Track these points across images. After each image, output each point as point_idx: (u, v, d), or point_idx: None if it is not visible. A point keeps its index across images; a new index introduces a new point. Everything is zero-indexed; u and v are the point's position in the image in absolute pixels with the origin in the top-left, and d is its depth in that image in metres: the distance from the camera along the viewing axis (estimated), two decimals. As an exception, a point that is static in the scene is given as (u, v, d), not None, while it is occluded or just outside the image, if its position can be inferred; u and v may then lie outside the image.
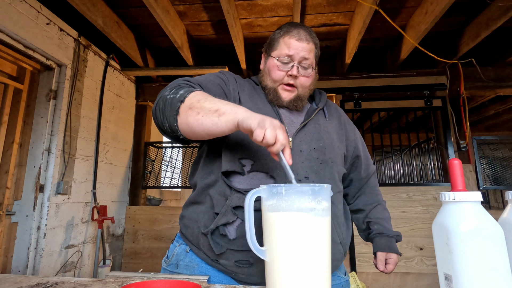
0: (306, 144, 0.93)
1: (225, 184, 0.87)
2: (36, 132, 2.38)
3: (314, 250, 0.62)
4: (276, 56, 0.97)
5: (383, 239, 1.07)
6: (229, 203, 0.84)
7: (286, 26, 0.99)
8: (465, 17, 2.74)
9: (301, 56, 0.95)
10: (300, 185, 0.64)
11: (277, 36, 1.00)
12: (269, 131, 0.65)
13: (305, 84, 0.98)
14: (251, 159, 0.88)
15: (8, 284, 0.75)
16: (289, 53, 0.94)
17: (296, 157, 0.90)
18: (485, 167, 3.05)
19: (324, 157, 0.93)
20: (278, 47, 0.97)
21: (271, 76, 0.98)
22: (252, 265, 0.83)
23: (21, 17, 2.10)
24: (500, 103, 4.56)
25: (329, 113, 1.06)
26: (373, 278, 2.82)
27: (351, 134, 1.09)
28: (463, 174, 0.60)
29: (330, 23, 2.84)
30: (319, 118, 1.01)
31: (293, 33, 0.96)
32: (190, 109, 0.75)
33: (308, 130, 0.96)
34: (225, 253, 0.84)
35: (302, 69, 0.96)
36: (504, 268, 0.52)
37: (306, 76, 0.97)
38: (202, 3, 2.56)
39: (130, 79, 3.45)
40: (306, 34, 0.97)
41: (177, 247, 0.95)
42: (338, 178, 0.98)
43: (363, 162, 1.10)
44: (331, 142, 0.97)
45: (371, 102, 3.28)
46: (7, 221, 2.19)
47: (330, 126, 1.02)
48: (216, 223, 0.84)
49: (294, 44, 0.95)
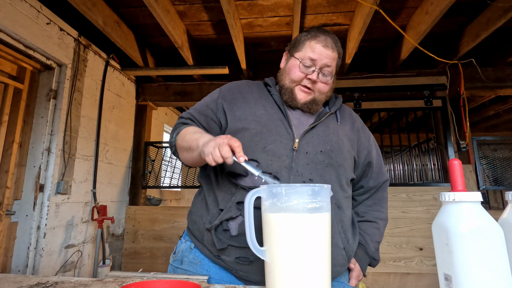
0: (312, 146, 0.92)
1: (231, 183, 0.90)
2: (36, 131, 2.37)
3: (313, 250, 0.62)
4: (300, 58, 0.97)
5: (360, 250, 1.03)
6: (234, 199, 0.87)
7: (315, 31, 0.99)
8: (465, 17, 2.74)
9: (324, 63, 0.95)
10: (300, 185, 0.64)
11: (303, 38, 1.00)
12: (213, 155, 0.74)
13: (322, 90, 0.98)
14: (256, 160, 0.89)
15: (8, 283, 0.75)
16: (313, 57, 0.95)
17: (301, 158, 0.90)
18: (485, 168, 3.05)
19: (331, 161, 0.92)
20: (302, 49, 0.97)
21: (290, 75, 0.98)
22: (251, 263, 0.84)
23: (21, 16, 2.10)
24: (500, 104, 4.56)
25: (342, 117, 1.05)
26: (373, 279, 2.82)
27: (364, 140, 1.06)
28: (463, 174, 0.60)
29: (330, 23, 2.83)
30: (329, 122, 1.00)
31: (320, 38, 0.96)
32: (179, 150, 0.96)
33: (316, 132, 0.95)
34: (227, 248, 0.86)
35: (322, 76, 0.96)
36: (504, 268, 0.52)
37: (324, 83, 0.97)
38: (202, 3, 2.56)
39: (130, 79, 3.45)
40: (333, 42, 0.97)
41: (183, 244, 0.99)
42: (345, 183, 0.96)
43: (374, 170, 1.07)
44: (339, 146, 0.96)
45: (371, 102, 3.28)
46: (7, 220, 2.19)
47: (342, 130, 1.01)
48: (220, 219, 0.86)
49: (320, 49, 0.95)
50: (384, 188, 1.11)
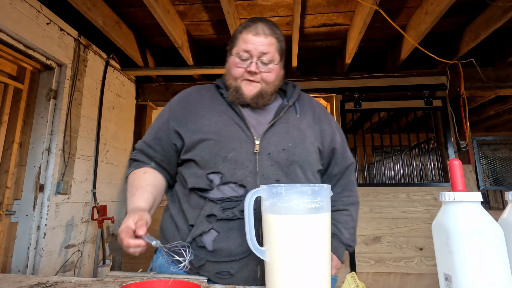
0: (274, 145, 0.90)
1: (199, 196, 0.88)
2: (36, 131, 2.37)
3: (314, 250, 0.62)
4: (235, 53, 0.94)
5: (334, 240, 0.99)
6: (203, 213, 0.85)
7: (246, 22, 0.96)
8: (465, 17, 2.74)
9: (260, 51, 0.91)
10: (300, 185, 0.64)
11: (236, 33, 0.97)
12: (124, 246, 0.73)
13: (267, 79, 0.94)
14: (220, 172, 0.87)
15: (8, 283, 0.75)
16: (247, 48, 0.91)
17: (264, 160, 0.87)
18: (485, 168, 3.05)
19: (294, 158, 0.90)
20: (237, 44, 0.95)
21: (232, 74, 0.95)
22: (233, 276, 0.82)
23: (21, 16, 2.10)
24: (500, 104, 4.56)
25: (301, 108, 1.01)
26: (373, 278, 2.82)
27: (326, 126, 1.02)
28: (463, 174, 0.60)
29: (330, 23, 2.83)
30: (289, 116, 0.97)
31: (250, 28, 0.93)
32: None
33: (277, 130, 0.92)
34: (205, 265, 0.84)
35: (263, 65, 0.93)
36: (504, 268, 0.52)
37: (267, 72, 0.93)
38: (202, 3, 2.56)
39: (130, 79, 3.45)
40: (265, 28, 0.93)
41: (160, 259, 0.95)
42: (312, 177, 0.95)
43: (339, 156, 1.04)
44: (302, 141, 0.93)
45: (371, 102, 3.28)
46: (7, 220, 2.19)
47: (302, 122, 0.98)
48: (192, 235, 0.85)
49: (251, 39, 0.92)
50: (350, 172, 1.07)
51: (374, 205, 2.96)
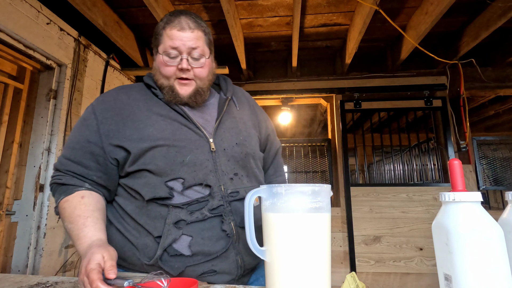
0: (227, 141, 0.90)
1: (160, 205, 0.82)
2: (36, 131, 2.37)
3: (314, 251, 0.62)
4: (162, 51, 0.88)
5: None
6: (170, 221, 0.80)
7: (167, 17, 0.90)
8: (465, 17, 2.74)
9: (188, 47, 0.87)
10: (300, 185, 0.64)
11: (159, 29, 0.90)
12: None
13: (201, 75, 0.91)
14: (181, 177, 0.82)
15: (8, 283, 0.75)
16: (174, 45, 0.86)
17: (221, 156, 0.87)
18: (485, 168, 3.05)
19: (247, 150, 0.93)
20: (162, 41, 0.89)
21: (162, 73, 0.90)
22: (216, 273, 0.81)
23: (21, 16, 2.10)
24: (500, 104, 4.56)
25: (238, 101, 1.03)
26: (373, 278, 2.82)
27: (261, 117, 1.09)
28: (463, 174, 0.60)
29: (330, 23, 2.83)
30: (231, 110, 0.98)
31: (174, 23, 0.87)
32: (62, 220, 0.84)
33: (226, 126, 0.93)
34: (185, 271, 0.80)
35: (194, 60, 0.89)
36: (504, 268, 0.52)
37: (200, 67, 0.90)
38: (202, 3, 2.56)
39: (130, 79, 3.45)
40: (189, 21, 0.88)
41: None
42: (260, 165, 1.00)
43: (271, 140, 1.11)
44: (249, 133, 0.97)
45: (371, 102, 3.28)
46: (7, 220, 2.19)
47: (243, 114, 1.01)
48: (162, 247, 0.79)
49: (177, 34, 0.86)
50: (279, 154, 1.16)
51: (374, 205, 2.96)
